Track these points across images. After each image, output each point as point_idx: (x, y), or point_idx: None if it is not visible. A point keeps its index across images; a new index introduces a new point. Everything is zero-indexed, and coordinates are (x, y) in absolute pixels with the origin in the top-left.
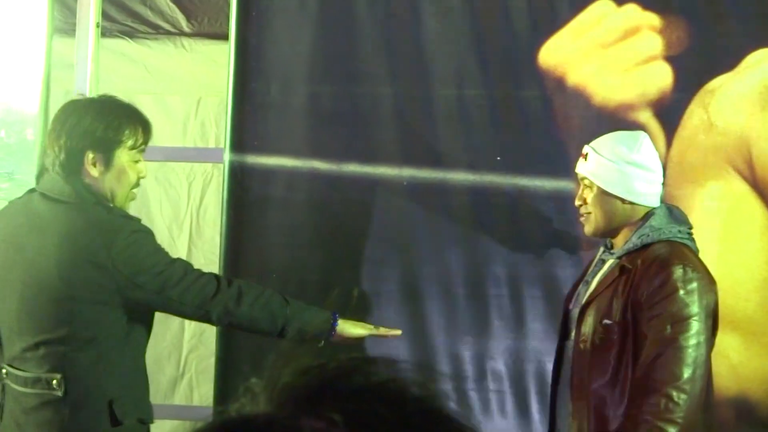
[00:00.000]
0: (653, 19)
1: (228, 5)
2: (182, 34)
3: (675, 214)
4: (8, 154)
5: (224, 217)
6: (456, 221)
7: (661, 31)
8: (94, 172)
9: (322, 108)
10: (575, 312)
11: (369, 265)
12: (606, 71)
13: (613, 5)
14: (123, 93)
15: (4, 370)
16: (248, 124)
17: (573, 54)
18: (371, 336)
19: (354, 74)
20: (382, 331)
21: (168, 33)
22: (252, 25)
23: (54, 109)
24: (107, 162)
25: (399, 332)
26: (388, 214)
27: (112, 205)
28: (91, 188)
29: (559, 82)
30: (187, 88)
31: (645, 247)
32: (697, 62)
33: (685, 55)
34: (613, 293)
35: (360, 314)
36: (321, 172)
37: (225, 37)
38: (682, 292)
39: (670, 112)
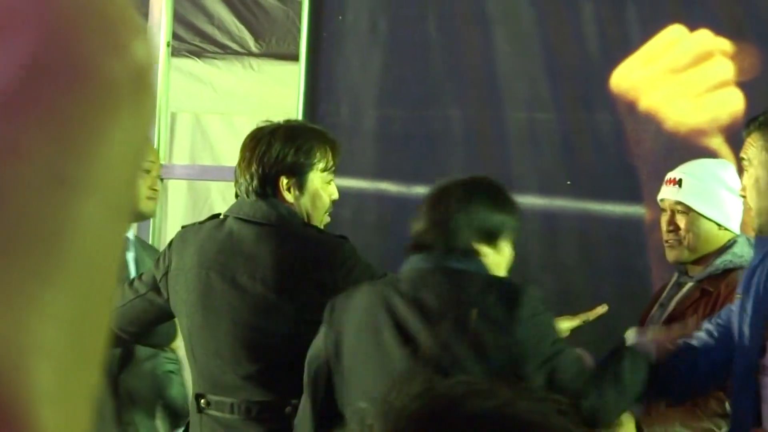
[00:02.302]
0: (725, 44)
1: (296, 26)
2: (250, 54)
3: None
4: None
5: None
6: (526, 246)
7: (733, 57)
8: (290, 197)
9: (391, 130)
10: None
11: None
12: (678, 96)
13: (686, 30)
14: (190, 112)
15: (203, 401)
16: None
17: (645, 79)
18: (582, 324)
19: (424, 97)
20: (590, 315)
21: (236, 53)
22: (323, 47)
23: None
24: (301, 186)
25: (606, 308)
26: None
27: None
28: (293, 211)
29: (631, 107)
30: (255, 108)
31: (726, 272)
32: None
33: (757, 81)
34: (693, 314)
35: None
36: (390, 194)
37: (293, 57)
38: None
39: (742, 138)
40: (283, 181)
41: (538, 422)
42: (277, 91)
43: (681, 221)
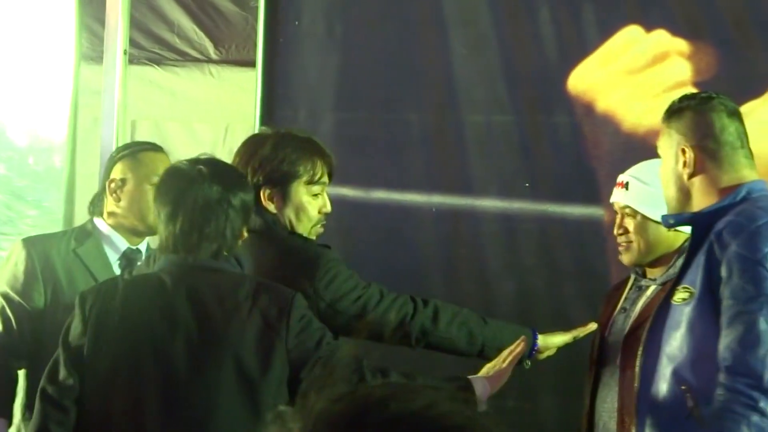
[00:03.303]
0: (682, 45)
1: (255, 32)
2: (210, 61)
3: None
4: (36, 181)
5: None
6: (486, 248)
7: (690, 57)
8: (272, 207)
9: (349, 135)
10: (615, 339)
11: (397, 292)
12: (635, 97)
13: (642, 31)
14: (150, 120)
15: None
16: None
17: (602, 80)
18: (573, 340)
19: (382, 101)
20: (581, 331)
21: (195, 60)
22: (279, 52)
23: (81, 136)
24: (284, 197)
25: (595, 326)
26: (416, 241)
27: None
28: (278, 220)
29: (588, 108)
30: (215, 115)
31: None
32: (726, 88)
33: (713, 81)
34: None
35: None
36: (349, 198)
37: (252, 64)
38: None
39: None
40: (265, 191)
41: (461, 424)
42: (237, 98)
43: (630, 224)
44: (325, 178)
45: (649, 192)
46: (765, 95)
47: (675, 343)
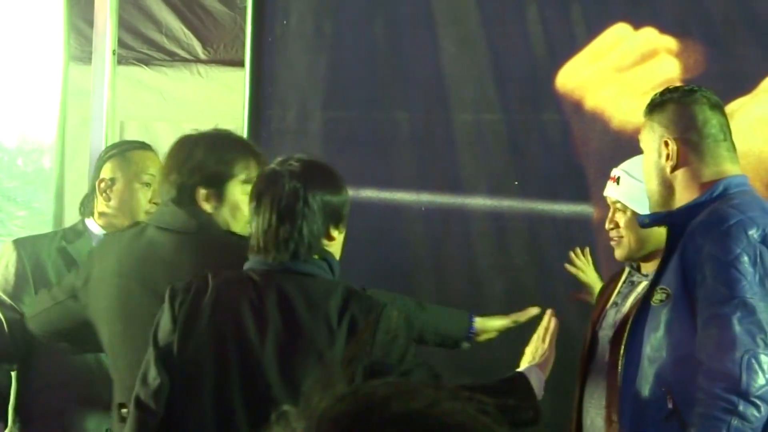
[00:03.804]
0: (670, 42)
1: (243, 32)
2: (198, 61)
3: None
4: (25, 182)
5: None
6: (475, 247)
7: (679, 55)
8: (208, 207)
9: (338, 134)
10: (605, 334)
11: (387, 290)
12: (623, 95)
13: (630, 29)
14: (139, 120)
15: (124, 410)
16: (264, 151)
17: (590, 78)
18: (513, 324)
19: (371, 100)
20: (521, 317)
21: (184, 60)
22: (267, 52)
23: (71, 137)
24: (220, 197)
25: (537, 310)
26: (406, 239)
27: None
28: (213, 219)
29: (577, 106)
30: (203, 114)
31: None
32: (715, 85)
33: (702, 79)
34: None
35: None
36: None
37: (241, 63)
38: None
39: None
40: (201, 191)
41: (462, 423)
42: (226, 98)
43: (620, 219)
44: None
45: (639, 187)
46: (753, 92)
47: (655, 343)
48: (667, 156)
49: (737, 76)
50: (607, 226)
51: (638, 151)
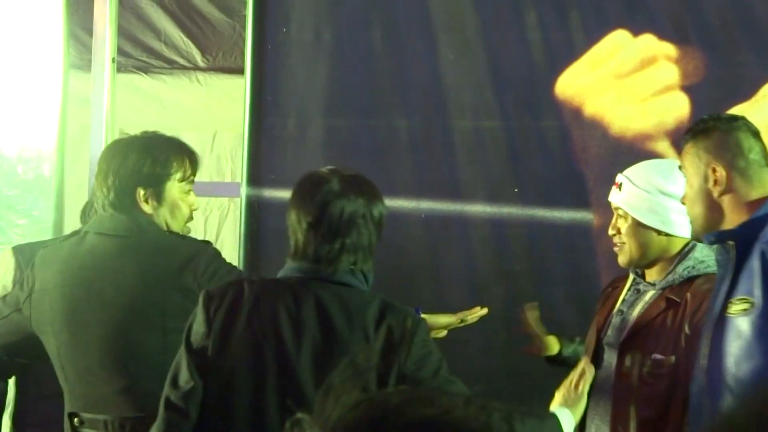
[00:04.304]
0: (669, 49)
1: (243, 39)
2: (197, 68)
3: None
4: (25, 190)
5: (241, 251)
6: (475, 253)
7: (678, 61)
8: (148, 208)
9: (338, 141)
10: (609, 342)
11: (386, 297)
12: (623, 101)
13: (630, 36)
14: (138, 128)
15: (76, 419)
16: (264, 158)
17: (590, 84)
18: (460, 324)
19: (370, 107)
20: (468, 316)
21: (183, 68)
22: (267, 59)
23: (70, 144)
24: (159, 196)
25: (484, 311)
26: (405, 246)
27: None
28: (153, 221)
29: (577, 113)
30: (203, 122)
31: (690, 279)
32: (714, 92)
33: (701, 85)
34: (661, 326)
35: None
36: None
37: (240, 71)
38: None
39: None
40: (140, 192)
41: (476, 429)
42: (225, 105)
43: (622, 225)
44: (193, 177)
45: (639, 195)
46: (753, 98)
47: (738, 352)
48: (716, 181)
49: (736, 82)
50: (610, 231)
51: (638, 157)
